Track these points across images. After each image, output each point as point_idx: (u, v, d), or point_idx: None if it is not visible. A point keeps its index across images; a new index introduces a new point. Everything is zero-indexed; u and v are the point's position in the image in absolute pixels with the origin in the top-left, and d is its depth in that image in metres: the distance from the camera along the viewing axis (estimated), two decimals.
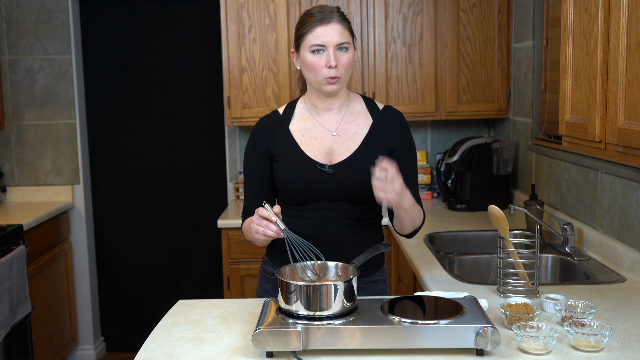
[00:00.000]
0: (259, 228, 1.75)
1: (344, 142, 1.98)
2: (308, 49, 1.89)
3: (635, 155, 1.62)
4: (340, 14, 1.91)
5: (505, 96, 3.58)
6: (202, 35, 4.07)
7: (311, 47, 1.88)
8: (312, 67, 1.89)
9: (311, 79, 1.93)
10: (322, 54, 1.88)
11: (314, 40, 1.87)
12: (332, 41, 1.87)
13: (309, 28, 1.88)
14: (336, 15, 1.89)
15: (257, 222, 1.76)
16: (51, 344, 3.69)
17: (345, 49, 1.89)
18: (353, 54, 1.92)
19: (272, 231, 1.74)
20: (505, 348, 1.57)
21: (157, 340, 1.67)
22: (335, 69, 1.88)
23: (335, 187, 1.94)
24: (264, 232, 1.75)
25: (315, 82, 1.92)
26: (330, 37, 1.87)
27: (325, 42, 1.87)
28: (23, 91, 3.96)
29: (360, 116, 2.01)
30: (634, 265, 2.17)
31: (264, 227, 1.74)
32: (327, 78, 1.89)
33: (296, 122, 2.02)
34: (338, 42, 1.87)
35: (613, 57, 1.67)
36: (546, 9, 3.08)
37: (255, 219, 1.77)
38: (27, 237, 3.37)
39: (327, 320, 1.54)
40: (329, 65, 1.87)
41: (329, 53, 1.87)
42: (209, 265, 4.25)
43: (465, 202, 3.49)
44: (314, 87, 1.95)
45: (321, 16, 1.88)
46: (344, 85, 1.95)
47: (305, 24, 1.90)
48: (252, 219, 1.79)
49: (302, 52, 1.91)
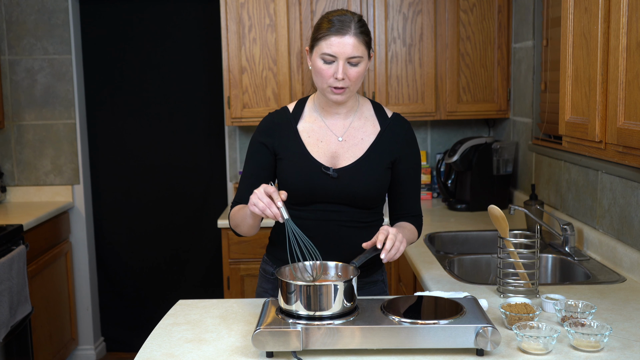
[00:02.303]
0: (260, 203, 1.67)
1: (349, 148, 1.98)
2: (319, 56, 1.87)
3: (635, 155, 1.62)
4: (360, 26, 1.86)
5: (505, 96, 3.58)
6: (202, 35, 4.07)
7: (322, 54, 1.86)
8: (320, 74, 1.89)
9: (317, 83, 1.93)
10: (331, 64, 1.86)
11: (326, 49, 1.85)
12: (343, 54, 1.84)
13: (324, 35, 1.86)
14: (354, 26, 1.85)
15: (259, 196, 1.68)
16: (51, 344, 3.69)
17: (356, 63, 1.87)
18: (365, 67, 1.89)
19: (272, 212, 1.67)
20: (505, 348, 1.57)
21: (157, 340, 1.67)
22: (341, 82, 1.87)
23: (338, 191, 1.94)
24: (262, 209, 1.67)
25: (322, 89, 1.93)
26: (343, 50, 1.84)
27: (337, 54, 1.84)
28: (23, 91, 3.96)
29: (368, 123, 2.01)
30: (634, 265, 2.17)
31: (266, 205, 1.67)
32: (332, 87, 1.89)
33: (304, 122, 2.01)
34: (350, 55, 1.85)
35: (613, 57, 1.67)
36: (546, 9, 3.08)
37: (259, 192, 1.69)
38: (27, 237, 3.37)
39: (327, 320, 1.54)
40: (335, 77, 1.86)
41: (338, 65, 1.85)
42: (209, 265, 4.25)
43: (465, 202, 3.49)
44: (321, 92, 1.96)
45: (339, 26, 1.84)
46: (350, 95, 1.94)
47: (321, 29, 1.87)
48: (255, 191, 1.70)
49: (314, 56, 1.89)
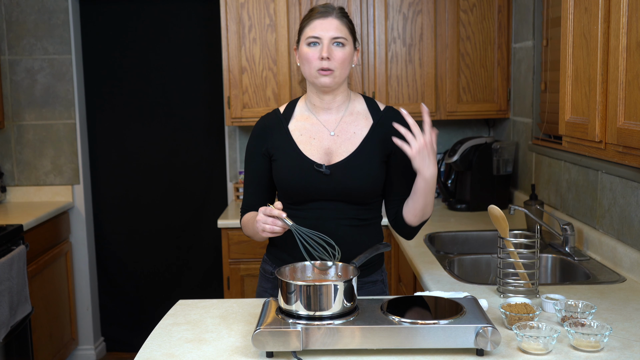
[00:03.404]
0: (266, 226, 1.79)
1: (342, 143, 1.98)
2: (305, 42, 1.93)
3: (635, 155, 1.62)
4: (342, 12, 1.95)
5: (505, 96, 3.58)
6: (202, 35, 4.07)
7: (307, 39, 1.92)
8: (306, 59, 1.92)
9: (306, 72, 1.95)
10: (317, 47, 1.91)
11: (310, 32, 1.91)
12: (327, 34, 1.90)
13: (307, 21, 1.94)
14: (337, 11, 1.94)
15: (263, 221, 1.80)
16: (51, 344, 3.69)
17: (341, 44, 1.91)
18: (350, 52, 1.93)
19: (279, 227, 1.79)
20: (505, 348, 1.57)
21: (157, 340, 1.67)
22: (327, 62, 1.89)
23: (332, 188, 1.94)
24: (271, 230, 1.80)
25: (309, 75, 1.94)
26: (326, 30, 1.90)
27: (321, 35, 1.90)
28: (23, 91, 3.96)
29: (360, 117, 2.01)
30: (634, 265, 2.17)
31: (271, 224, 1.79)
32: (319, 70, 1.90)
33: (296, 121, 2.02)
34: (333, 35, 1.90)
35: (613, 57, 1.67)
36: (546, 9, 3.08)
37: (261, 217, 1.80)
38: (27, 237, 3.37)
39: (327, 320, 1.54)
40: (321, 57, 1.89)
41: (323, 45, 1.90)
42: (209, 265, 4.25)
43: (465, 202, 3.49)
44: (310, 81, 1.97)
45: (322, 10, 1.93)
46: (339, 81, 1.94)
47: (305, 18, 1.96)
48: (257, 219, 1.82)
49: (300, 45, 1.95)
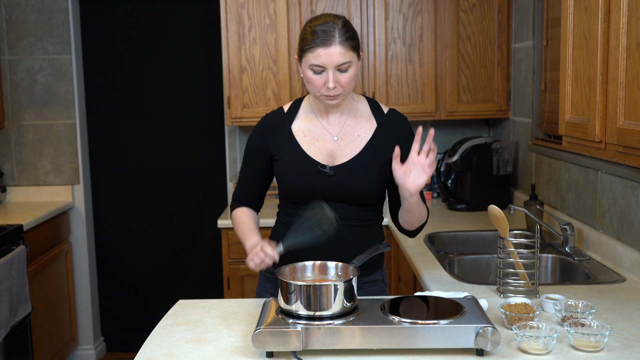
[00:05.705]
0: (256, 259, 1.83)
1: (346, 146, 1.97)
2: (308, 67, 1.87)
3: (635, 155, 1.62)
4: (345, 32, 1.85)
5: (505, 96, 3.58)
6: (202, 35, 4.07)
7: (311, 66, 1.86)
8: (312, 84, 1.89)
9: (311, 91, 1.93)
10: (321, 74, 1.86)
11: (314, 60, 1.85)
12: (331, 63, 1.84)
13: (310, 47, 1.85)
14: (338, 34, 1.84)
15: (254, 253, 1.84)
16: (51, 344, 3.69)
17: (346, 69, 1.86)
18: (355, 70, 1.89)
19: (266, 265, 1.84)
20: (505, 348, 1.57)
21: (157, 340, 1.67)
22: (333, 90, 1.86)
23: (335, 189, 1.94)
24: (255, 267, 1.84)
25: (315, 96, 1.93)
26: (330, 60, 1.83)
27: (325, 64, 1.84)
28: (23, 91, 3.96)
29: (364, 119, 2.01)
30: (634, 265, 2.17)
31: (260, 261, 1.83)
32: (325, 95, 1.89)
33: (299, 122, 2.01)
34: (338, 63, 1.84)
35: (613, 57, 1.67)
36: (546, 9, 3.08)
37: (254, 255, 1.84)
38: (27, 237, 3.37)
39: (327, 320, 1.54)
40: (327, 87, 1.86)
41: (328, 74, 1.85)
42: (209, 265, 4.25)
43: (465, 202, 3.49)
44: (315, 97, 1.95)
45: (323, 37, 1.83)
46: (344, 98, 1.94)
47: (306, 41, 1.86)
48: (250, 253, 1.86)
49: (304, 66, 1.89)
